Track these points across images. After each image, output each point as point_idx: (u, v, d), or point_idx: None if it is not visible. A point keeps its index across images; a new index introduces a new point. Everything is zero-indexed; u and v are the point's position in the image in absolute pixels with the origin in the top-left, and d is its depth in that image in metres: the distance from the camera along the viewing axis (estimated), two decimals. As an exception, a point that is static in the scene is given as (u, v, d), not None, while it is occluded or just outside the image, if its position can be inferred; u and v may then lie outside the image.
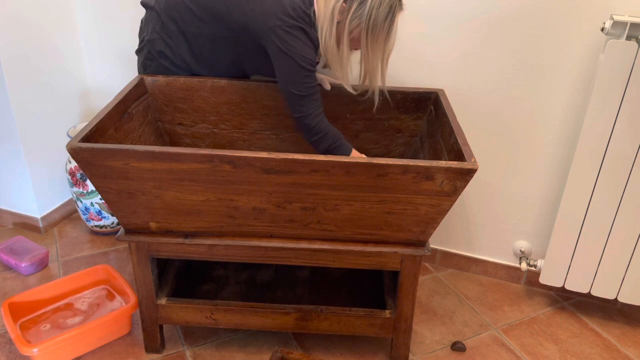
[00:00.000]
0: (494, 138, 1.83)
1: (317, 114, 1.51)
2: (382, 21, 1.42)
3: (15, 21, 1.88)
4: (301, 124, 1.52)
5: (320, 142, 1.52)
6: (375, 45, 1.46)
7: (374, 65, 1.50)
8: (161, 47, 1.64)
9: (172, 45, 1.64)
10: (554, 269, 1.79)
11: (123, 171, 1.30)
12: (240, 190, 1.32)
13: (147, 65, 1.70)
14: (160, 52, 1.65)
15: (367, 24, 1.42)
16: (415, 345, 1.71)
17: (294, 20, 1.45)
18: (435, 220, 1.35)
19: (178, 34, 1.61)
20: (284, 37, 1.44)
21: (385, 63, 1.53)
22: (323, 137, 1.52)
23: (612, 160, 1.60)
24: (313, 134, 1.52)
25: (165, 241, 1.43)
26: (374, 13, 1.41)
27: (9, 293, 1.85)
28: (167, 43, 1.64)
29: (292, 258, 1.46)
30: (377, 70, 1.52)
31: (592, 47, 1.61)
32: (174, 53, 1.65)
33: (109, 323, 1.62)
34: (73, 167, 2.04)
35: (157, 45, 1.65)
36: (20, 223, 2.19)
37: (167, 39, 1.63)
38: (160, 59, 1.67)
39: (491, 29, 1.69)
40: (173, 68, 1.68)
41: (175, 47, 1.64)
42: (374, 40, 1.45)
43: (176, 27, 1.61)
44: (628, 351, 1.73)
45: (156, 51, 1.66)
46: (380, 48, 1.47)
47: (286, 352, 1.47)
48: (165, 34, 1.62)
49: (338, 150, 1.54)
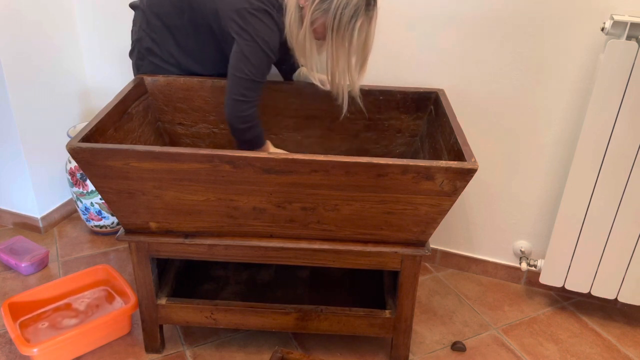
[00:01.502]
0: (494, 138, 1.83)
1: (256, 103, 1.49)
2: (346, 22, 1.38)
3: (15, 21, 1.88)
4: (236, 108, 1.48)
5: (247, 131, 1.50)
6: (340, 45, 1.42)
7: (340, 66, 1.45)
8: (148, 43, 1.65)
9: (158, 41, 1.64)
10: (554, 269, 1.79)
11: (123, 171, 1.30)
12: (240, 190, 1.32)
13: (139, 65, 1.71)
14: (148, 49, 1.66)
15: (333, 22, 1.38)
16: (415, 345, 1.71)
17: (260, 2, 1.42)
18: (435, 220, 1.35)
19: (163, 29, 1.62)
20: (249, 19, 1.42)
21: (355, 68, 1.47)
22: (252, 127, 1.51)
23: (612, 160, 1.60)
24: (245, 121, 1.49)
25: (165, 241, 1.43)
26: (339, 13, 1.37)
27: (9, 293, 1.85)
28: (153, 39, 1.64)
29: (292, 258, 1.46)
30: (344, 73, 1.47)
31: (592, 47, 1.61)
32: (161, 49, 1.65)
33: (109, 323, 1.62)
34: (73, 167, 2.04)
35: (145, 43, 1.66)
36: (20, 223, 2.19)
37: (153, 35, 1.63)
38: (150, 57, 1.67)
39: (491, 29, 1.69)
40: (163, 64, 1.67)
41: (162, 42, 1.64)
42: (339, 39, 1.41)
43: (160, 22, 1.61)
44: (628, 351, 1.73)
45: (144, 49, 1.67)
46: (344, 49, 1.42)
47: (286, 352, 1.47)
48: (151, 30, 1.63)
49: (257, 144, 1.54)
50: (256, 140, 1.54)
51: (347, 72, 1.48)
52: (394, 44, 1.79)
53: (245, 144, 1.54)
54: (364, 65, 1.51)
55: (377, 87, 1.70)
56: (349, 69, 1.47)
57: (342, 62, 1.45)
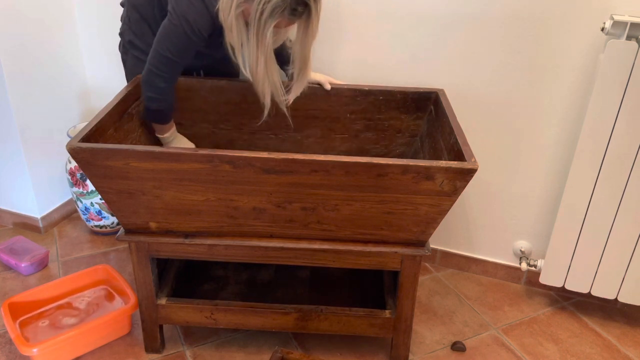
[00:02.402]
0: (494, 138, 1.83)
1: (169, 80, 1.49)
2: (265, 18, 1.33)
3: (15, 21, 1.88)
4: (149, 77, 1.47)
5: (153, 102, 1.51)
6: (259, 41, 1.36)
7: (257, 59, 1.39)
8: (130, 36, 1.67)
9: (138, 33, 1.65)
10: (554, 269, 1.79)
11: (123, 171, 1.30)
12: (240, 190, 1.32)
13: (124, 60, 1.72)
14: (130, 41, 1.67)
15: (255, 13, 1.33)
16: (415, 345, 1.71)
17: None
18: (435, 220, 1.35)
19: (141, 21, 1.63)
20: (180, 0, 1.40)
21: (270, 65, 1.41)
22: (159, 100, 1.51)
23: (612, 160, 1.60)
24: (153, 91, 1.49)
25: (165, 241, 1.43)
26: (262, 6, 1.31)
27: (9, 293, 1.85)
28: (134, 32, 1.65)
29: (292, 258, 1.46)
30: (258, 67, 1.40)
31: (592, 47, 1.61)
32: (142, 41, 1.65)
33: (109, 323, 1.62)
34: (73, 167, 2.04)
35: (126, 36, 1.68)
36: (20, 223, 2.19)
37: (134, 28, 1.65)
38: (132, 50, 1.68)
39: (491, 29, 1.69)
40: (144, 57, 1.65)
41: (142, 35, 1.64)
42: (258, 33, 1.35)
43: (138, 15, 1.63)
44: (628, 351, 1.73)
45: (127, 42, 1.68)
46: (262, 43, 1.36)
47: (286, 352, 1.47)
48: (131, 23, 1.65)
49: (161, 119, 1.56)
50: (161, 115, 1.55)
51: (266, 72, 1.42)
52: (395, 44, 1.79)
53: (150, 114, 1.55)
54: (300, 73, 1.48)
55: (377, 87, 1.70)
56: (266, 69, 1.41)
57: (260, 54, 1.39)
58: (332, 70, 1.85)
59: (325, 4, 1.79)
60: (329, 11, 1.80)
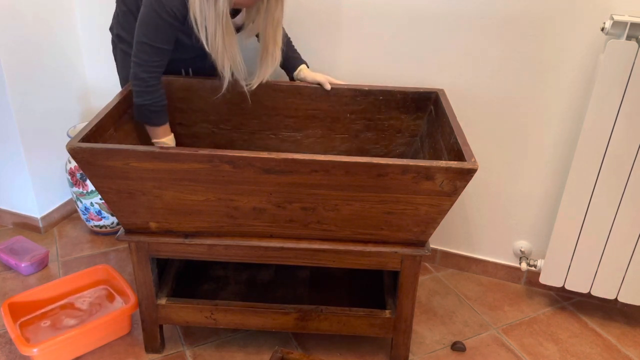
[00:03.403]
0: (494, 138, 1.83)
1: (150, 69, 1.46)
2: None
3: (15, 21, 1.88)
4: (133, 70, 1.47)
5: (137, 96, 1.49)
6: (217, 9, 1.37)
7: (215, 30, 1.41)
8: (118, 30, 1.67)
9: (125, 26, 1.65)
10: (554, 269, 1.79)
11: (123, 171, 1.30)
12: (240, 190, 1.32)
13: (115, 55, 1.73)
14: (118, 35, 1.68)
15: None
16: (415, 345, 1.71)
17: None
18: (435, 220, 1.35)
19: (128, 14, 1.63)
20: None
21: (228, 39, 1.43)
22: (142, 92, 1.48)
23: (612, 160, 1.60)
24: (136, 84, 1.47)
25: (165, 241, 1.43)
26: None
27: (9, 293, 1.85)
28: (122, 25, 1.66)
29: (292, 258, 1.46)
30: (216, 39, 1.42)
31: (592, 47, 1.61)
32: (129, 34, 1.64)
33: (109, 323, 1.62)
34: (73, 167, 2.04)
35: (115, 30, 1.69)
36: (20, 223, 2.19)
37: (122, 21, 1.65)
38: (120, 44, 1.69)
39: (491, 28, 1.69)
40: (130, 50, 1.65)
41: (129, 28, 1.63)
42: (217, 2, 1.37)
43: (125, 8, 1.63)
44: (628, 351, 1.73)
45: (115, 36, 1.69)
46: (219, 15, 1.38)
47: (286, 352, 1.47)
48: (119, 17, 1.66)
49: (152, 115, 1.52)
50: (148, 112, 1.51)
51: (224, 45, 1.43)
52: (395, 44, 1.79)
53: (137, 110, 1.52)
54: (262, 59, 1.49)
55: (377, 87, 1.70)
56: (224, 41, 1.42)
57: (219, 33, 1.41)
58: (332, 70, 1.85)
59: (326, 4, 1.80)
60: (329, 11, 1.80)
